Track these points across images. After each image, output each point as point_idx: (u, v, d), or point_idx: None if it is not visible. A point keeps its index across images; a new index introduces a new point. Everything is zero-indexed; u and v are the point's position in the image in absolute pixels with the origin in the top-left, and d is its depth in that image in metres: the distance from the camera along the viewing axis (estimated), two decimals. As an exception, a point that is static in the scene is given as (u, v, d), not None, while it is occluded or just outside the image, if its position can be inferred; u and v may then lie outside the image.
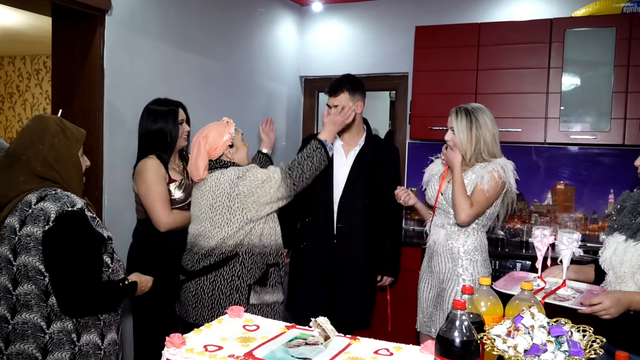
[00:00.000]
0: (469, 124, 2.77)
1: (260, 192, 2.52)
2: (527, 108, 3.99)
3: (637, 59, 3.68)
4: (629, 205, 2.27)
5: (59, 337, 1.88)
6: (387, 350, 1.64)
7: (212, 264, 2.56)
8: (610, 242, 2.23)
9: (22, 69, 8.00)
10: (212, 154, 2.62)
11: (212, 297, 2.56)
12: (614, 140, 3.79)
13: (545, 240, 2.17)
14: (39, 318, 1.86)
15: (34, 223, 1.86)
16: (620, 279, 2.13)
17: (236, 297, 2.55)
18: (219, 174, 2.59)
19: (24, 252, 1.86)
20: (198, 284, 2.59)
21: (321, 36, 5.20)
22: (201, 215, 2.60)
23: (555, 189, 4.32)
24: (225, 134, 2.65)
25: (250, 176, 2.54)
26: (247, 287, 2.56)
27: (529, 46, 3.98)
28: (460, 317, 1.41)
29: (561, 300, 2.03)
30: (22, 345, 1.86)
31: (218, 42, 4.09)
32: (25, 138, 1.98)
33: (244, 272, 2.56)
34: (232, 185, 2.52)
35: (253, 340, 1.68)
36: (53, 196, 1.90)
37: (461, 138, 2.78)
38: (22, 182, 1.92)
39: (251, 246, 2.56)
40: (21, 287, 1.87)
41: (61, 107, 3.20)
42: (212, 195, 2.56)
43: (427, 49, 4.30)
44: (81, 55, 3.13)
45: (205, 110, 3.97)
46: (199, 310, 2.58)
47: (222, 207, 2.53)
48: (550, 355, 1.37)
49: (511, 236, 4.29)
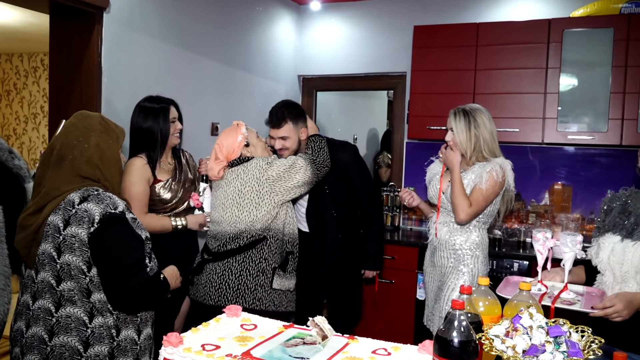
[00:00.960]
0: (468, 124, 2.81)
1: (287, 176, 2.69)
2: (525, 108, 3.99)
3: (634, 59, 3.69)
4: (617, 206, 2.30)
5: (99, 332, 1.94)
6: (385, 350, 1.64)
7: (241, 247, 2.68)
8: (605, 243, 2.25)
9: (19, 67, 7.98)
10: (230, 157, 2.79)
11: (239, 278, 2.66)
12: (611, 141, 3.79)
13: (547, 243, 2.15)
14: (82, 313, 1.93)
15: (78, 224, 1.91)
16: (621, 279, 2.14)
17: (262, 280, 2.67)
18: (246, 165, 2.75)
19: (68, 251, 1.92)
20: (226, 265, 2.69)
21: (319, 35, 5.19)
22: (227, 203, 2.73)
23: (552, 189, 4.32)
24: (238, 136, 2.80)
25: (278, 162, 2.72)
26: (272, 270, 2.69)
27: (526, 46, 3.98)
28: (458, 317, 1.41)
29: (568, 304, 2.03)
30: (65, 337, 1.92)
31: (216, 41, 4.09)
32: (71, 137, 2.01)
33: (270, 255, 2.69)
34: (261, 170, 2.69)
35: (251, 339, 1.68)
36: (96, 197, 1.94)
37: (460, 138, 2.82)
38: (64, 181, 1.97)
39: (276, 231, 2.71)
40: (64, 283, 1.93)
41: (58, 105, 3.20)
42: (241, 182, 2.71)
43: (425, 49, 4.30)
44: (79, 53, 3.12)
45: (202, 109, 3.97)
46: (223, 291, 2.67)
47: (251, 192, 2.68)
48: (548, 355, 1.37)
49: (508, 236, 4.29)
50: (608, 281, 2.22)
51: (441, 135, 3.07)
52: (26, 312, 1.99)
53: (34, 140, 7.95)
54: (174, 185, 2.92)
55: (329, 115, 5.75)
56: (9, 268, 2.45)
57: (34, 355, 1.94)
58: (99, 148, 2.02)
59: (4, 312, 2.43)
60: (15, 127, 8.05)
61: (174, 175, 2.96)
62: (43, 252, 1.96)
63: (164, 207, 2.90)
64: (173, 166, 2.99)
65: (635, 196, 2.31)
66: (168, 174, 2.94)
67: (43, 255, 1.96)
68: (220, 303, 2.64)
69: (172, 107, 2.94)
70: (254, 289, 2.66)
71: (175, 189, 2.92)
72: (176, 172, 2.98)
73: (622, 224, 2.24)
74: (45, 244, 1.96)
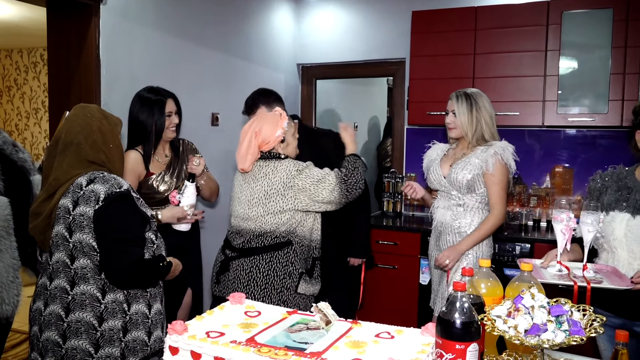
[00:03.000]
0: (470, 107, 2.86)
1: (313, 190, 2.54)
2: (525, 91, 3.99)
3: (634, 39, 3.67)
4: (611, 184, 2.34)
5: (112, 307, 2.04)
6: (388, 333, 1.65)
7: (265, 246, 2.61)
8: (615, 221, 2.25)
9: (19, 62, 7.98)
10: (262, 147, 2.64)
11: (266, 278, 2.60)
12: (611, 122, 3.79)
13: (570, 224, 2.12)
14: (95, 289, 2.03)
15: (86, 203, 2.02)
16: (637, 254, 2.18)
17: (288, 283, 2.60)
18: (276, 164, 2.61)
19: (78, 230, 2.02)
20: (253, 262, 2.62)
21: (318, 23, 5.18)
22: (253, 201, 2.62)
23: (553, 171, 4.32)
24: (278, 129, 2.64)
25: (308, 172, 2.56)
26: (299, 275, 2.62)
27: (526, 29, 3.97)
28: (460, 299, 1.42)
29: (597, 283, 2.05)
30: (81, 313, 2.02)
31: (214, 30, 4.08)
32: (74, 125, 2.12)
33: (296, 260, 2.62)
34: (290, 176, 2.56)
35: (255, 326, 1.69)
36: (101, 178, 2.05)
37: (462, 120, 2.87)
38: (72, 166, 2.08)
39: (302, 237, 2.63)
40: (78, 261, 2.03)
41: (58, 99, 3.21)
42: (268, 183, 2.59)
43: (423, 34, 4.28)
44: (77, 46, 3.12)
45: (202, 99, 3.97)
46: (251, 288, 2.61)
47: (277, 195, 2.57)
48: (550, 334, 1.38)
49: (510, 219, 4.29)
50: (622, 258, 2.24)
51: (442, 121, 3.08)
52: (44, 292, 2.09)
53: (36, 136, 7.97)
54: (167, 178, 2.93)
55: (329, 103, 5.74)
56: (18, 260, 2.48)
57: (51, 332, 2.04)
58: (101, 132, 2.14)
59: (14, 304, 2.46)
60: (17, 123, 8.06)
61: (167, 168, 2.95)
62: (56, 234, 2.06)
63: (159, 200, 2.90)
64: (169, 159, 2.99)
65: (627, 172, 2.34)
66: (162, 167, 2.94)
67: (57, 236, 2.06)
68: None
69: (170, 101, 2.93)
70: (280, 290, 2.60)
71: (169, 182, 2.92)
72: (171, 164, 2.98)
73: (625, 201, 2.25)
74: (58, 226, 2.06)
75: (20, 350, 4.24)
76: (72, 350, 2.00)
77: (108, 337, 2.02)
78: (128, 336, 2.06)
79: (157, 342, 2.15)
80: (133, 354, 2.06)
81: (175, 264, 2.23)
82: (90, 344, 2.00)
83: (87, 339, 2.00)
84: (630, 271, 2.17)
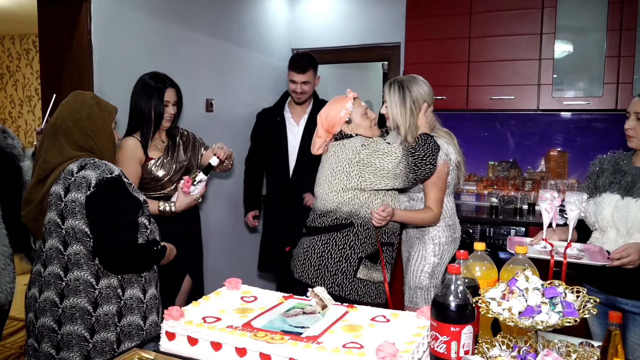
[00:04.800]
0: (402, 98, 2.66)
1: (378, 163, 2.46)
2: (520, 75, 3.98)
3: (629, 22, 3.66)
4: (609, 167, 2.44)
5: (107, 292, 2.05)
6: (384, 317, 1.66)
7: (325, 226, 2.56)
8: (605, 202, 2.34)
9: (11, 49, 7.90)
10: (330, 131, 2.62)
11: (321, 259, 2.56)
12: (606, 105, 3.79)
13: (555, 203, 2.16)
14: (88, 275, 2.04)
15: (77, 190, 2.02)
16: (626, 234, 2.27)
17: (344, 267, 2.54)
18: (345, 142, 2.57)
19: (70, 216, 2.03)
20: (311, 242, 2.60)
21: (312, 7, 5.14)
22: (321, 179, 2.62)
23: (548, 155, 4.33)
24: (341, 110, 2.59)
25: (373, 146, 2.50)
26: (358, 259, 2.55)
27: (521, 12, 3.95)
28: (455, 282, 1.43)
29: (576, 259, 2.12)
30: (75, 299, 2.03)
31: (207, 15, 4.05)
32: (65, 110, 2.15)
33: (356, 243, 2.54)
34: (355, 152, 2.50)
35: (251, 310, 1.70)
36: (92, 165, 2.06)
37: (394, 112, 2.68)
38: (63, 150, 2.09)
39: (367, 219, 2.52)
40: (71, 247, 2.04)
41: (50, 85, 3.19)
42: (335, 160, 2.56)
43: (418, 18, 4.26)
44: (68, 31, 3.09)
45: (196, 84, 3.95)
46: (307, 267, 2.59)
47: (342, 173, 2.51)
48: (544, 316, 1.39)
49: (505, 203, 4.30)
50: (611, 237, 2.32)
51: (437, 105, 3.06)
52: (39, 279, 2.11)
53: (30, 123, 7.92)
54: (166, 161, 2.92)
55: (324, 88, 5.71)
56: (8, 247, 2.48)
57: (46, 318, 2.05)
58: (90, 119, 2.14)
59: (7, 291, 2.47)
60: (11, 111, 8.01)
61: (166, 153, 2.95)
62: (49, 221, 2.08)
63: (155, 186, 2.90)
64: (166, 144, 2.98)
65: (625, 157, 2.43)
66: (160, 151, 2.94)
67: (49, 223, 2.08)
68: (302, 279, 2.59)
69: (171, 90, 2.91)
70: (334, 273, 2.53)
71: (168, 167, 2.91)
72: (169, 150, 2.97)
73: (618, 183, 2.35)
74: (50, 213, 2.07)
75: (19, 338, 4.25)
76: (67, 336, 2.02)
77: (103, 322, 2.04)
78: (123, 321, 2.07)
79: (153, 326, 2.16)
80: (129, 338, 2.08)
81: (169, 248, 2.23)
82: (85, 329, 2.02)
83: (82, 324, 2.02)
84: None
